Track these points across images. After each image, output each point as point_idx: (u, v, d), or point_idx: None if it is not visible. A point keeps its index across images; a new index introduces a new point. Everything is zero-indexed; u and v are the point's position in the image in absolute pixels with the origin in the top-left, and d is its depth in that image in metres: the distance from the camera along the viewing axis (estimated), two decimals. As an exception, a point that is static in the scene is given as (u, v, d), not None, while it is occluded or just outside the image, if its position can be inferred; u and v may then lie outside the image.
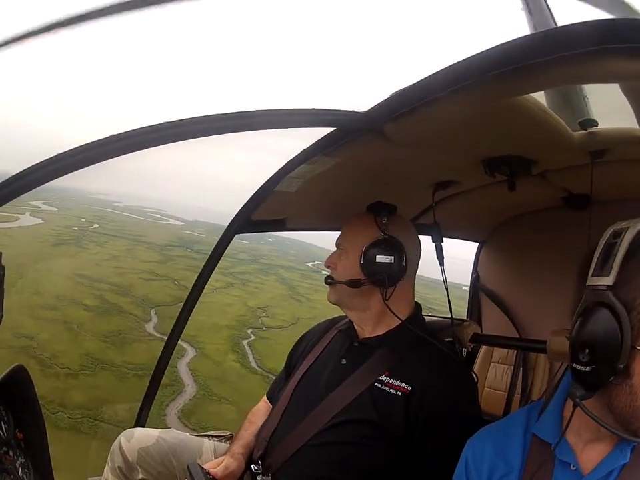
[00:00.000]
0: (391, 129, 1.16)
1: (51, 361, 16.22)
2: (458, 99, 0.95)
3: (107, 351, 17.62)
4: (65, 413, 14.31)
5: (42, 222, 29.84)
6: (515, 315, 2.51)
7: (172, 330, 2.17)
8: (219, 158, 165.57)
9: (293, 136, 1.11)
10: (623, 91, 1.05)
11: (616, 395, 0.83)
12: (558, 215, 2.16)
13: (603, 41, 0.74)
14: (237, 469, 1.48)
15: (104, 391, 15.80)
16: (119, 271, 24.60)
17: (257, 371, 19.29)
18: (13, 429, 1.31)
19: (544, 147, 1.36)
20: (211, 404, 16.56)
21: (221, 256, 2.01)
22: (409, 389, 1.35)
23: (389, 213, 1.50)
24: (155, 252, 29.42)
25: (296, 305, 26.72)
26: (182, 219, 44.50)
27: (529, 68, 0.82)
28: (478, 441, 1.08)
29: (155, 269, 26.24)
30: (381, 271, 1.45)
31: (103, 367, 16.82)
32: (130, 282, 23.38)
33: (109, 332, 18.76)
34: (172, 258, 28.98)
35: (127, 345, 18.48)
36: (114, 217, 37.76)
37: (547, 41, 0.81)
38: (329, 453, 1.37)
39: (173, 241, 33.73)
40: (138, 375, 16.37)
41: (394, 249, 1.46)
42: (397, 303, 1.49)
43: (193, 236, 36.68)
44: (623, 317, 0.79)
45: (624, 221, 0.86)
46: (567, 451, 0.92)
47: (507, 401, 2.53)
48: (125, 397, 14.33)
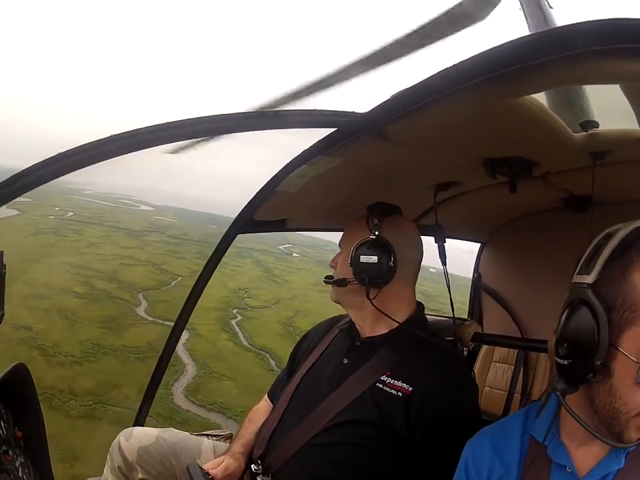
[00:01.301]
0: (391, 130, 1.16)
1: (54, 350, 16.40)
2: (458, 100, 0.95)
3: (105, 336, 17.93)
4: (77, 400, 14.59)
5: (19, 213, 29.81)
6: (517, 315, 2.51)
7: (170, 333, 2.18)
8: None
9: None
10: (624, 91, 1.05)
11: (597, 394, 0.84)
12: (559, 217, 2.16)
13: (603, 41, 0.74)
14: (236, 469, 1.48)
15: (110, 376, 16.09)
16: (101, 258, 24.91)
17: (249, 348, 19.87)
18: (12, 428, 1.31)
19: (545, 148, 1.36)
20: (212, 381, 16.96)
21: (222, 256, 2.02)
22: (410, 390, 1.35)
23: (383, 214, 1.50)
24: (132, 238, 29.89)
25: (274, 286, 27.28)
26: (152, 204, 44.52)
27: (530, 69, 0.82)
28: (477, 442, 1.08)
29: (134, 254, 26.67)
30: (364, 270, 1.46)
31: (104, 352, 17.12)
32: (114, 268, 23.73)
33: (103, 317, 19.12)
34: (149, 243, 29.52)
35: (123, 330, 18.86)
36: (87, 205, 38.00)
37: (547, 41, 0.81)
38: (329, 453, 1.37)
39: (147, 226, 34.18)
40: (140, 358, 16.86)
41: (380, 249, 1.46)
42: (391, 303, 1.49)
43: (165, 221, 37.18)
44: (600, 315, 0.81)
45: (624, 222, 0.86)
46: (562, 453, 0.93)
47: (507, 401, 2.53)
48: (132, 380, 14.89)
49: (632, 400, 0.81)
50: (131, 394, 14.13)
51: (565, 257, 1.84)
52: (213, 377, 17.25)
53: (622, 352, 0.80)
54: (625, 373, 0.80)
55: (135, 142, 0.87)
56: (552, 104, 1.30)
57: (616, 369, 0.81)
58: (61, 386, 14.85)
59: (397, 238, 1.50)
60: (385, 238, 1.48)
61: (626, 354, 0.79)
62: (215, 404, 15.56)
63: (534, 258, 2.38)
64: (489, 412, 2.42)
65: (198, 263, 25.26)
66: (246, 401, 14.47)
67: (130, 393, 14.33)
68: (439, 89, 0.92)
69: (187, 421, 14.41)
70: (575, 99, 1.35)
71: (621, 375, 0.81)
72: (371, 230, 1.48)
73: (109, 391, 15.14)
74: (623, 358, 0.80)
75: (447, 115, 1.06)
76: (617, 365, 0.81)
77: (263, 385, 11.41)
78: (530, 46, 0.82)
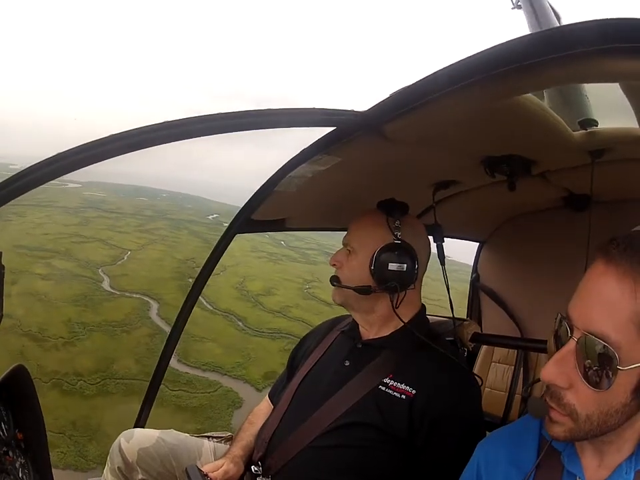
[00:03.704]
0: (390, 129, 1.16)
1: (42, 334, 16.71)
2: (458, 98, 0.95)
3: (84, 314, 18.50)
4: (85, 380, 15.15)
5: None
6: (516, 315, 2.51)
7: (170, 333, 2.18)
8: (107, 110, 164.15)
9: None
10: (623, 90, 1.05)
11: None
12: (558, 215, 2.16)
13: (603, 41, 0.74)
14: (236, 473, 1.47)
15: (105, 351, 16.79)
16: (50, 238, 25.25)
17: (215, 312, 20.95)
18: (12, 429, 1.31)
19: (544, 146, 1.36)
20: (196, 344, 17.95)
21: (221, 256, 2.01)
22: (413, 393, 1.33)
23: (401, 214, 1.45)
24: (72, 215, 30.19)
25: None
26: (77, 180, 44.96)
27: (529, 68, 0.82)
28: (491, 447, 1.03)
29: (79, 231, 27.20)
30: (393, 278, 1.40)
31: (90, 330, 17.70)
32: (65, 247, 24.20)
33: (75, 296, 19.63)
34: (89, 220, 29.93)
35: (98, 306, 19.49)
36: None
37: (547, 41, 0.81)
38: (330, 456, 1.36)
39: (82, 202, 34.46)
40: (125, 330, 18.12)
41: (407, 255, 1.41)
42: (403, 307, 1.45)
43: (96, 196, 37.38)
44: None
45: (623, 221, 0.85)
46: (574, 461, 0.90)
47: (508, 401, 2.52)
48: (126, 352, 16.46)
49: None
50: (131, 364, 15.73)
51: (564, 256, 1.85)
52: (196, 340, 18.16)
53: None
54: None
55: (135, 141, 0.86)
56: (551, 102, 1.30)
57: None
58: (64, 369, 15.36)
59: (417, 241, 1.46)
60: (408, 242, 1.43)
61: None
62: (207, 364, 17.08)
63: (533, 257, 2.39)
64: (490, 413, 2.42)
65: (140, 236, 27.27)
66: (232, 358, 17.76)
67: (129, 364, 15.78)
68: (438, 88, 0.92)
69: (191, 381, 15.89)
70: (574, 98, 1.35)
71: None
72: (393, 232, 1.42)
73: (110, 365, 15.99)
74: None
75: (446, 114, 1.06)
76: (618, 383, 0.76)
77: (240, 343, 13.92)
78: (530, 45, 0.82)
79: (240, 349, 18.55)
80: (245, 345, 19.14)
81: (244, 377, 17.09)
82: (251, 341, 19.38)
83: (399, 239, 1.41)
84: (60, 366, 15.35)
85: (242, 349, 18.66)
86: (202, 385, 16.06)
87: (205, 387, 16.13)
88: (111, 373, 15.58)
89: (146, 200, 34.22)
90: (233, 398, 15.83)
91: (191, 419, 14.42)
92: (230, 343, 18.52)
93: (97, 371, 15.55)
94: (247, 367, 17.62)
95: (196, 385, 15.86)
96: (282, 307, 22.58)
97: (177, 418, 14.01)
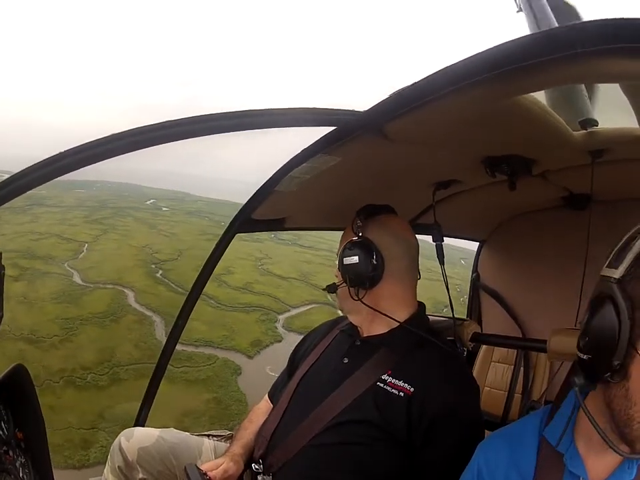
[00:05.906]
0: (390, 129, 1.16)
1: (35, 336, 16.77)
2: (458, 98, 0.95)
3: (68, 310, 18.67)
4: (95, 373, 15.44)
5: None
6: (516, 314, 2.51)
7: (170, 333, 2.18)
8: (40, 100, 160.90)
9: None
10: (623, 90, 1.05)
11: (614, 397, 0.79)
12: (558, 215, 2.16)
13: (603, 41, 0.74)
14: (235, 472, 1.48)
15: (102, 342, 17.15)
16: (7, 238, 24.94)
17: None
18: (12, 429, 1.31)
19: (544, 146, 1.36)
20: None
21: (221, 256, 2.02)
22: (412, 390, 1.33)
23: (367, 215, 1.51)
24: (20, 214, 29.57)
25: (167, 240, 28.41)
26: (12, 172, 44.80)
27: (529, 68, 0.82)
28: (492, 448, 1.02)
29: (33, 229, 27.01)
30: (347, 272, 1.47)
31: (80, 324, 17.94)
32: (25, 245, 24.05)
33: (52, 293, 19.72)
34: (38, 216, 29.64)
35: (78, 300, 19.66)
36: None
37: (547, 41, 0.81)
38: (330, 454, 1.36)
39: (25, 200, 33.18)
40: (113, 319, 18.54)
41: (361, 248, 1.46)
42: (385, 302, 1.48)
43: (37, 193, 36.15)
44: (622, 312, 0.76)
45: (626, 220, 0.85)
46: (577, 462, 0.88)
47: (507, 401, 2.52)
48: (121, 339, 17.10)
49: None
50: (131, 350, 16.49)
51: (564, 255, 1.85)
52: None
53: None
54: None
55: (136, 141, 0.87)
56: (551, 102, 1.30)
57: (633, 372, 0.76)
58: (70, 365, 15.55)
59: (382, 236, 1.49)
60: (367, 237, 1.48)
61: None
62: (198, 340, 17.92)
63: (533, 256, 2.39)
64: (489, 412, 2.43)
65: (92, 227, 27.47)
66: (218, 332, 18.69)
67: (129, 350, 16.52)
68: (439, 88, 0.92)
69: (191, 357, 16.84)
70: (575, 98, 1.35)
71: (637, 379, 0.75)
72: (355, 232, 1.49)
73: (112, 354, 16.39)
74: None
75: (447, 114, 1.06)
76: (635, 368, 0.75)
77: (220, 319, 15.41)
78: (530, 45, 0.82)
79: (222, 323, 19.41)
80: (224, 320, 19.81)
81: (235, 347, 18.15)
82: (228, 315, 20.19)
83: (359, 236, 1.48)
84: (65, 363, 15.52)
85: (224, 324, 19.42)
86: (201, 359, 17.08)
87: (204, 361, 16.99)
88: (116, 361, 15.96)
89: (83, 192, 34.07)
90: (232, 367, 16.93)
91: (204, 390, 15.37)
92: (210, 320, 19.14)
93: (102, 362, 15.86)
94: (234, 338, 18.68)
95: (196, 359, 16.83)
96: (244, 283, 23.31)
97: (191, 391, 14.72)
